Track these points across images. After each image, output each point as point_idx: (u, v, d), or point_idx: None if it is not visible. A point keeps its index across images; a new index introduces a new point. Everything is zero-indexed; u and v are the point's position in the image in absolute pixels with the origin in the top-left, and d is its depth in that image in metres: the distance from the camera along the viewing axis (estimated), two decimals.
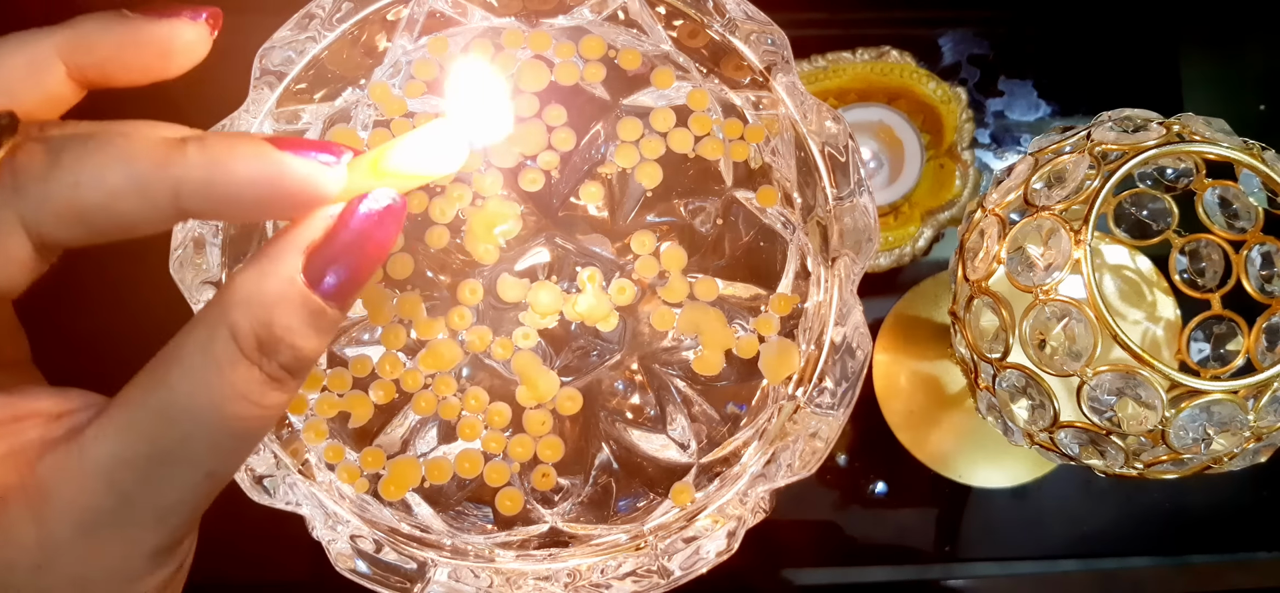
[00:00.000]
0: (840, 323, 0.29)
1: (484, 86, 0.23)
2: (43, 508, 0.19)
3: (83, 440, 0.19)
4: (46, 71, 0.21)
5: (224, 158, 0.19)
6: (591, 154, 0.31)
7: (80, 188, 0.18)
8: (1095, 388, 0.29)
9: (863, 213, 0.29)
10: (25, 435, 0.19)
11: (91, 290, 0.45)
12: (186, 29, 0.22)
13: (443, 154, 0.21)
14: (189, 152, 0.18)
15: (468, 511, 0.30)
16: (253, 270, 0.19)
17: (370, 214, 0.20)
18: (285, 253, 0.19)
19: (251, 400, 0.19)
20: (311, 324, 0.19)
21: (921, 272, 0.48)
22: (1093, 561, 0.47)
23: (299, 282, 0.19)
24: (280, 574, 0.45)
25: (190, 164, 0.18)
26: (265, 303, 0.19)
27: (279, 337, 0.19)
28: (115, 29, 0.21)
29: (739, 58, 0.31)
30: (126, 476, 0.19)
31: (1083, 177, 0.30)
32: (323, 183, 0.20)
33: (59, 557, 0.19)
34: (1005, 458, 0.46)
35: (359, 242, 0.20)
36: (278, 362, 0.19)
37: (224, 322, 0.19)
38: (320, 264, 0.19)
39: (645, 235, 0.31)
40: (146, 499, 0.19)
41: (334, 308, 0.20)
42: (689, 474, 0.30)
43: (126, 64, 0.21)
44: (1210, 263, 0.36)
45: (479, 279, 0.30)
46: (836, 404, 0.29)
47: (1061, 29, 0.51)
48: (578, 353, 0.31)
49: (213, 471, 0.20)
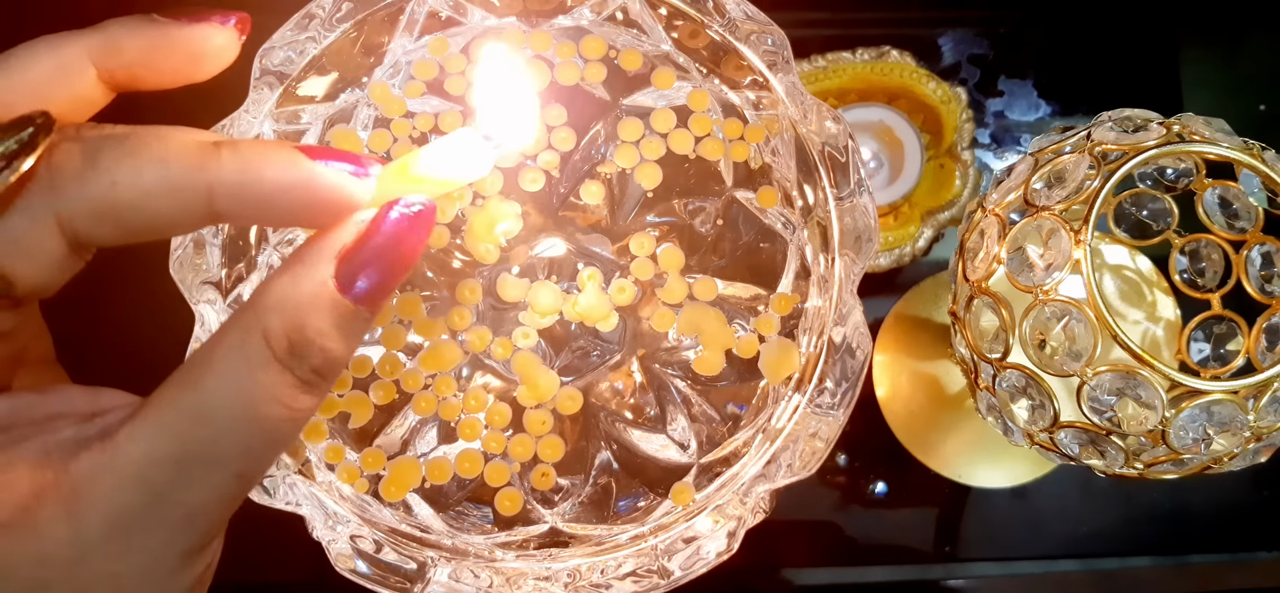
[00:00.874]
0: (840, 323, 0.29)
1: (511, 88, 0.23)
2: (76, 506, 0.19)
3: (117, 441, 0.19)
4: (77, 75, 0.21)
5: (256, 163, 0.19)
6: (592, 154, 0.31)
7: (117, 187, 0.18)
8: (1095, 388, 0.29)
9: (863, 213, 0.29)
10: (59, 434, 0.20)
11: (92, 290, 0.45)
12: (216, 34, 0.22)
13: (471, 160, 0.21)
14: (222, 156, 0.19)
15: (468, 511, 0.30)
16: (286, 276, 0.19)
17: (402, 218, 0.20)
18: (318, 258, 0.20)
19: (283, 403, 0.19)
20: (342, 328, 0.20)
21: (921, 272, 0.48)
22: (1092, 561, 0.47)
23: (331, 286, 0.19)
24: (280, 574, 0.45)
25: (224, 168, 0.19)
26: (298, 307, 0.19)
27: (311, 340, 0.19)
28: (145, 33, 0.21)
29: (739, 58, 0.31)
30: (158, 475, 0.19)
31: (1083, 177, 0.30)
32: (352, 192, 0.20)
33: (92, 555, 0.19)
34: (1005, 458, 0.46)
35: (391, 246, 0.20)
36: (309, 365, 0.19)
37: (257, 325, 0.19)
38: (352, 269, 0.20)
39: (644, 237, 0.31)
40: (178, 499, 0.19)
41: (365, 311, 0.20)
42: (689, 474, 0.30)
43: (156, 68, 0.22)
44: (1210, 263, 0.36)
45: (479, 279, 0.30)
46: (836, 404, 0.29)
47: (1061, 29, 0.51)
48: (578, 353, 0.31)
49: (243, 472, 0.20)
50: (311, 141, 0.30)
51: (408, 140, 0.31)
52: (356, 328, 0.20)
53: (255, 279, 0.30)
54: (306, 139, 0.30)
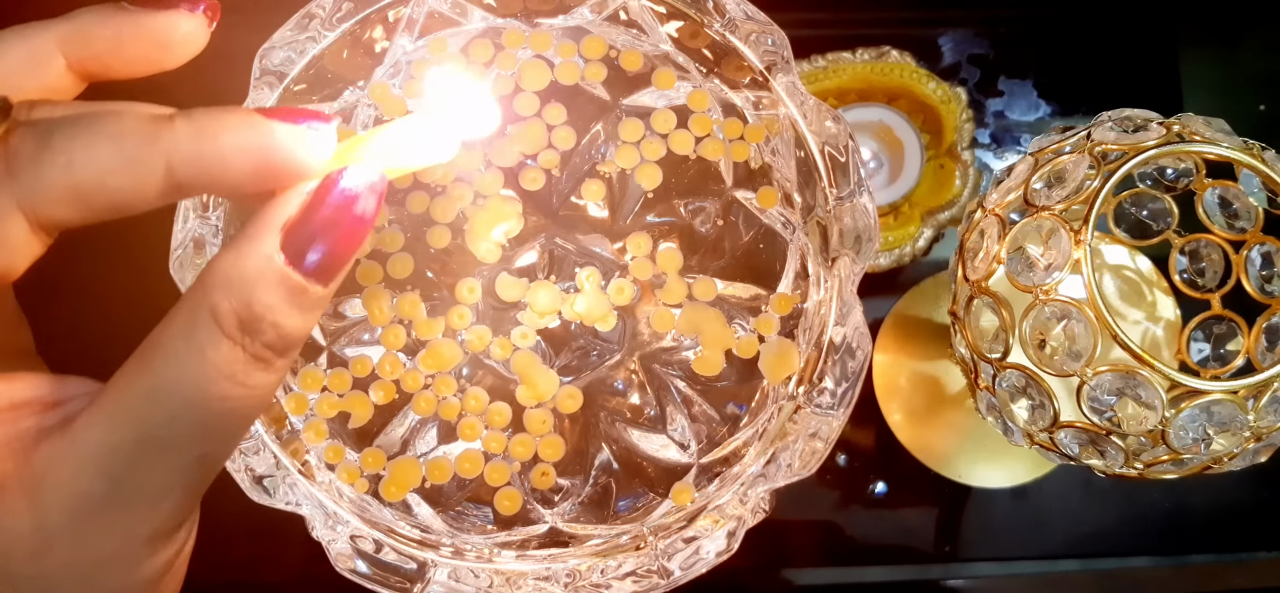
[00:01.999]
0: (840, 323, 0.29)
1: (463, 84, 0.23)
2: (38, 496, 0.19)
3: (75, 428, 0.19)
4: (46, 64, 0.21)
5: (212, 129, 0.19)
6: (592, 154, 0.31)
7: (72, 167, 0.18)
8: (1095, 388, 0.29)
9: (863, 213, 0.29)
10: (22, 424, 0.19)
11: (92, 292, 0.45)
12: (184, 21, 0.22)
13: (430, 144, 0.21)
14: (177, 126, 0.19)
15: (468, 511, 0.30)
16: (231, 251, 0.19)
17: (348, 190, 0.20)
18: (262, 232, 0.19)
19: (237, 381, 0.19)
20: (293, 302, 0.19)
21: (921, 272, 0.48)
22: (1092, 561, 0.47)
23: (277, 260, 0.19)
24: (280, 575, 0.45)
25: (179, 137, 0.19)
26: (244, 282, 0.19)
27: (260, 315, 0.19)
28: (114, 21, 0.21)
29: (739, 58, 0.31)
30: (116, 461, 0.19)
31: (1083, 176, 0.30)
32: (308, 148, 0.20)
33: (55, 544, 0.19)
34: (1005, 458, 0.46)
35: (337, 217, 0.19)
36: (261, 341, 0.19)
37: (205, 303, 0.19)
38: (298, 241, 0.19)
39: (644, 237, 0.31)
40: (138, 484, 0.19)
41: (316, 285, 0.19)
42: (689, 474, 0.30)
43: (125, 56, 0.21)
44: (1210, 263, 0.36)
45: (478, 278, 0.30)
46: (836, 404, 0.29)
47: (1061, 29, 0.51)
48: (577, 353, 0.31)
49: (205, 454, 0.20)
50: None
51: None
52: (309, 302, 0.19)
53: None
54: None
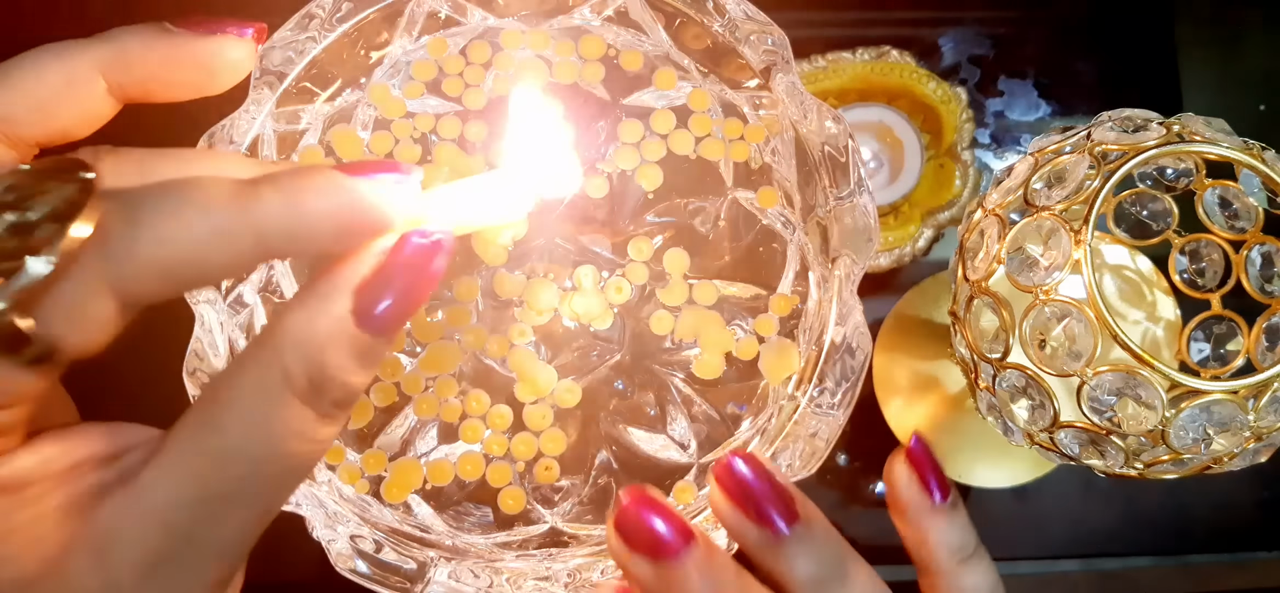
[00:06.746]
0: (840, 323, 0.29)
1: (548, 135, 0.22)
2: (105, 556, 0.19)
3: (139, 485, 0.19)
4: (85, 87, 0.20)
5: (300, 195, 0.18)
6: (592, 153, 0.31)
7: (164, 244, 0.18)
8: (1095, 388, 0.29)
9: (863, 213, 0.29)
10: (83, 483, 0.19)
11: None
12: (233, 46, 0.21)
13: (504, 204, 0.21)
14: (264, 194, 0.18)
15: (468, 511, 0.30)
16: (303, 311, 0.19)
17: (421, 248, 0.20)
18: (336, 291, 0.19)
19: (306, 438, 0.19)
20: (361, 360, 0.19)
21: (921, 272, 0.48)
22: (1093, 561, 0.47)
23: (350, 321, 0.19)
24: (280, 575, 0.45)
25: (267, 207, 0.18)
26: (318, 344, 0.19)
27: (332, 376, 0.19)
28: (159, 45, 0.21)
29: (739, 58, 0.31)
30: (184, 518, 0.19)
31: (1083, 176, 0.30)
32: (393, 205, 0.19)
33: None
34: (1005, 458, 0.46)
35: (410, 276, 0.19)
36: (329, 399, 0.19)
37: (277, 363, 0.19)
38: (370, 301, 0.19)
39: (643, 240, 0.31)
40: (206, 539, 0.19)
41: (382, 342, 0.19)
42: (689, 474, 0.30)
43: (168, 81, 0.21)
44: (1210, 263, 0.36)
45: (476, 278, 0.30)
46: (836, 404, 0.29)
47: (1061, 29, 0.51)
48: (577, 353, 0.31)
49: (268, 507, 0.20)
50: (311, 141, 0.30)
51: (409, 141, 0.31)
52: (374, 358, 0.20)
53: (255, 279, 0.30)
54: (307, 140, 0.30)
